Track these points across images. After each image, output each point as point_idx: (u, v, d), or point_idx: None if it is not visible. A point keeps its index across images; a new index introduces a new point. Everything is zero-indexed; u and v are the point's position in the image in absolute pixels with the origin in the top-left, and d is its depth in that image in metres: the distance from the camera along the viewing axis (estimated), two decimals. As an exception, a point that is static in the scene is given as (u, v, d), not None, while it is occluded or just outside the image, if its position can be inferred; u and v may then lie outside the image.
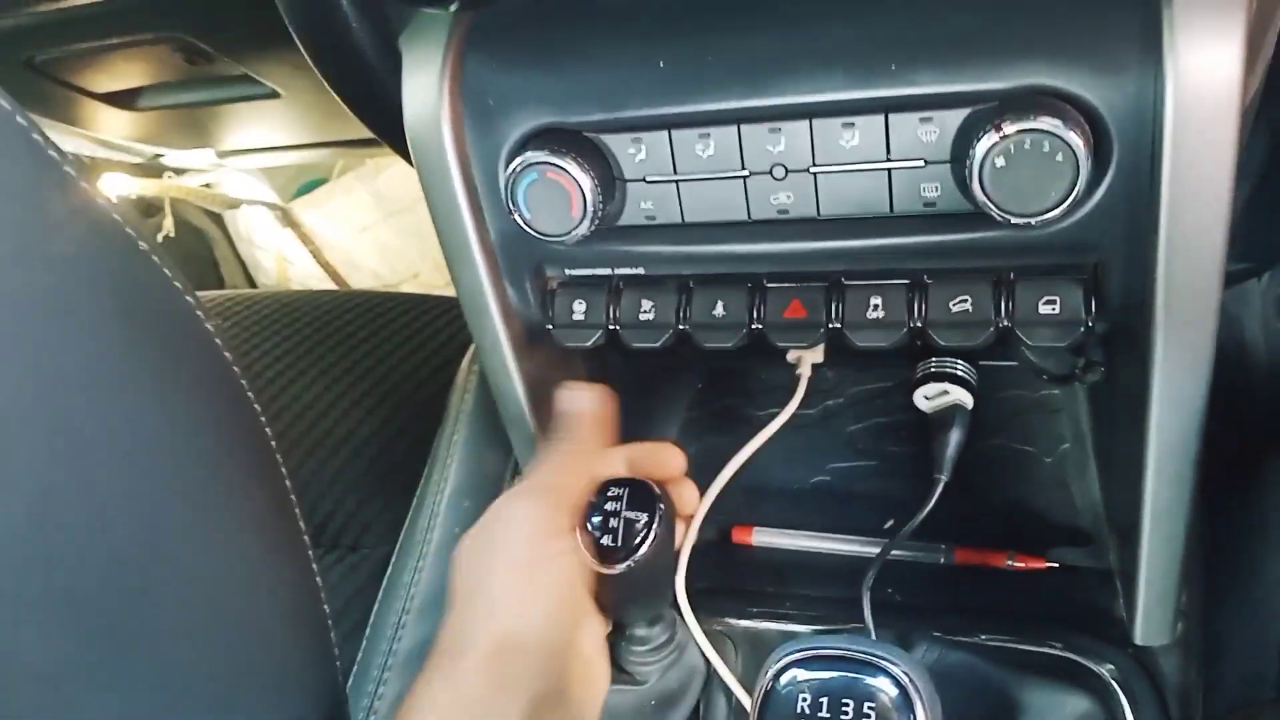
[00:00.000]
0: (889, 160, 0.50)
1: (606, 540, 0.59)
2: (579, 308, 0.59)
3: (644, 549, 0.59)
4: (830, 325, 0.55)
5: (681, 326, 0.58)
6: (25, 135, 0.37)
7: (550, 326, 0.60)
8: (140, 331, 0.41)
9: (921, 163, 0.50)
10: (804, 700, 0.37)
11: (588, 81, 0.53)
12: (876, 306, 0.54)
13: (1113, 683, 0.60)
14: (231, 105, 0.94)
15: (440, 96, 0.56)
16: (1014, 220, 0.47)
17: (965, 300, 0.53)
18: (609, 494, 0.60)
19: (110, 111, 0.94)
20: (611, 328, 0.59)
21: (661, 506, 0.60)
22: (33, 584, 0.35)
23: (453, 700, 0.49)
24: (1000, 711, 0.61)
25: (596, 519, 0.60)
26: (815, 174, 0.52)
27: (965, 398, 0.63)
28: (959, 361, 0.63)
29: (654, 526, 0.59)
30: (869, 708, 0.36)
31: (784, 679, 0.38)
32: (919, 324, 0.53)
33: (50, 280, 0.37)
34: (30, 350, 0.36)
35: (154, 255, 0.42)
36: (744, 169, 0.52)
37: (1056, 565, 0.66)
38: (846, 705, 0.36)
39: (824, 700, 0.37)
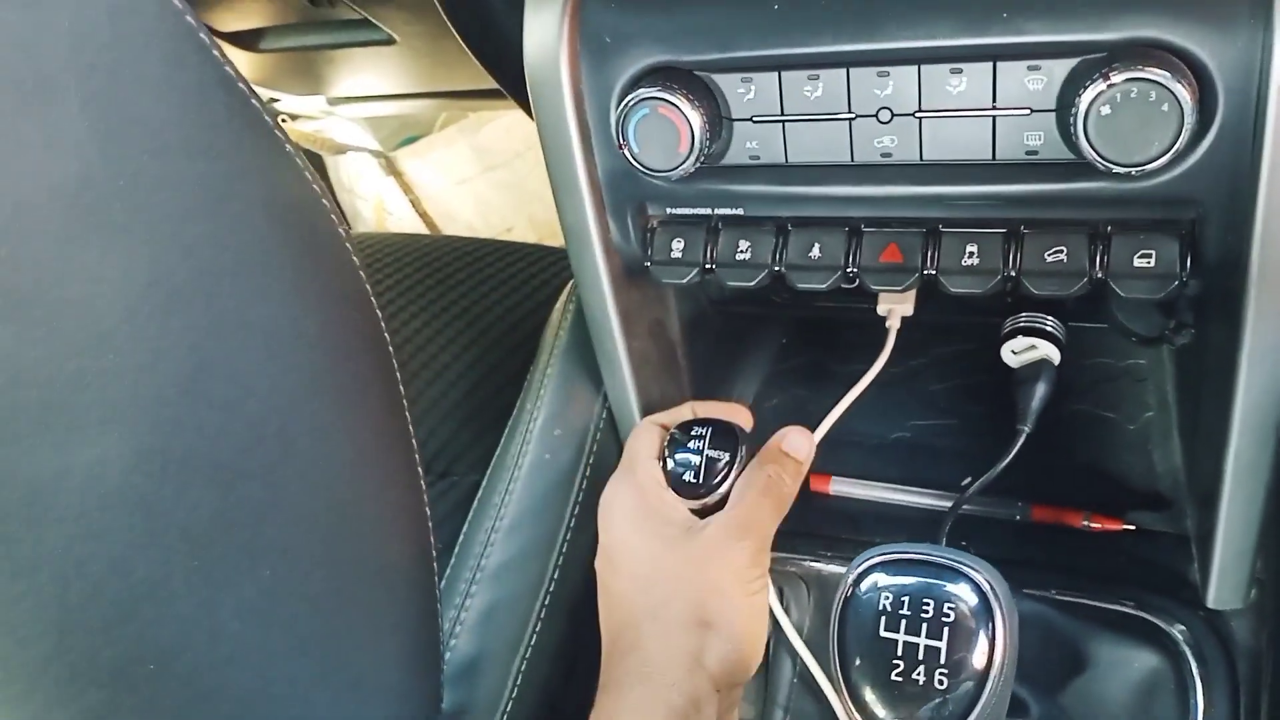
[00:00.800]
0: (994, 107, 0.52)
1: (689, 476, 0.61)
2: (677, 245, 0.61)
3: (724, 486, 0.61)
4: (925, 271, 0.56)
5: (777, 267, 0.59)
6: (194, 35, 0.40)
7: (649, 263, 0.63)
8: (283, 226, 0.44)
9: (1027, 111, 0.51)
10: (885, 600, 0.39)
11: (702, 21, 0.55)
12: (972, 254, 0.55)
13: (1182, 643, 0.61)
14: (346, 51, 0.98)
15: (560, 34, 0.58)
16: (1115, 170, 0.48)
17: (1061, 250, 0.54)
18: (692, 433, 0.63)
19: (232, 52, 0.98)
20: (708, 266, 0.61)
21: (743, 448, 0.62)
22: (183, 443, 0.38)
23: (657, 700, 0.53)
24: (1069, 662, 0.62)
25: (680, 455, 0.62)
26: (920, 118, 0.53)
27: (1053, 353, 0.64)
28: (1048, 317, 0.64)
29: (734, 466, 0.61)
30: (948, 610, 0.38)
31: (866, 582, 0.40)
32: (1013, 273, 0.55)
33: (210, 169, 0.40)
34: (189, 234, 0.39)
35: (298, 158, 0.45)
36: (850, 111, 0.54)
37: (1133, 528, 0.67)
38: (926, 608, 0.38)
39: (904, 602, 0.39)
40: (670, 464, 0.61)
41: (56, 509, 0.34)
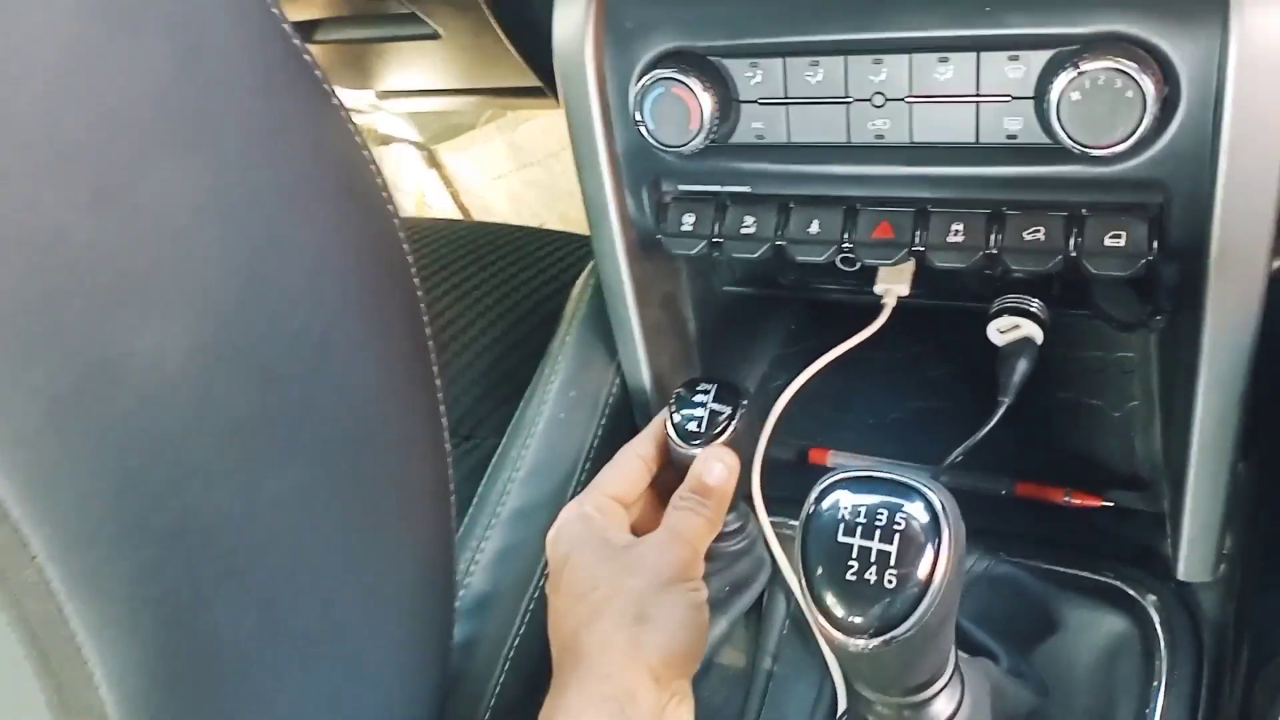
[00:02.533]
0: (978, 94, 0.56)
1: (692, 426, 0.66)
2: (688, 219, 0.67)
3: (725, 436, 0.65)
4: (914, 246, 0.61)
5: (779, 241, 0.64)
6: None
7: (661, 235, 0.68)
8: (326, 166, 0.50)
9: (1007, 97, 0.56)
10: (845, 512, 0.43)
11: (715, 11, 0.61)
12: (957, 231, 0.60)
13: (1152, 611, 0.64)
14: (395, 45, 1.04)
15: (586, 20, 0.64)
16: (1085, 151, 0.53)
17: (1039, 230, 0.58)
18: (698, 388, 0.67)
19: (289, 44, 1.05)
20: (716, 239, 0.66)
21: (744, 403, 0.67)
22: (234, 341, 0.43)
23: (593, 696, 0.54)
24: (1041, 623, 0.66)
25: (685, 409, 0.67)
26: (911, 103, 0.58)
27: (1036, 333, 0.68)
28: (1033, 299, 0.68)
29: (735, 420, 0.66)
30: (901, 521, 0.42)
31: (828, 499, 0.45)
32: (995, 250, 0.59)
33: (266, 106, 0.46)
34: (247, 160, 0.44)
35: (343, 111, 0.51)
36: (847, 95, 0.59)
37: (1111, 505, 0.71)
38: (881, 518, 0.42)
39: (862, 513, 0.43)
40: (677, 416, 0.66)
41: (123, 382, 0.39)
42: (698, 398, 0.66)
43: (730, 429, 0.65)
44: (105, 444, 0.39)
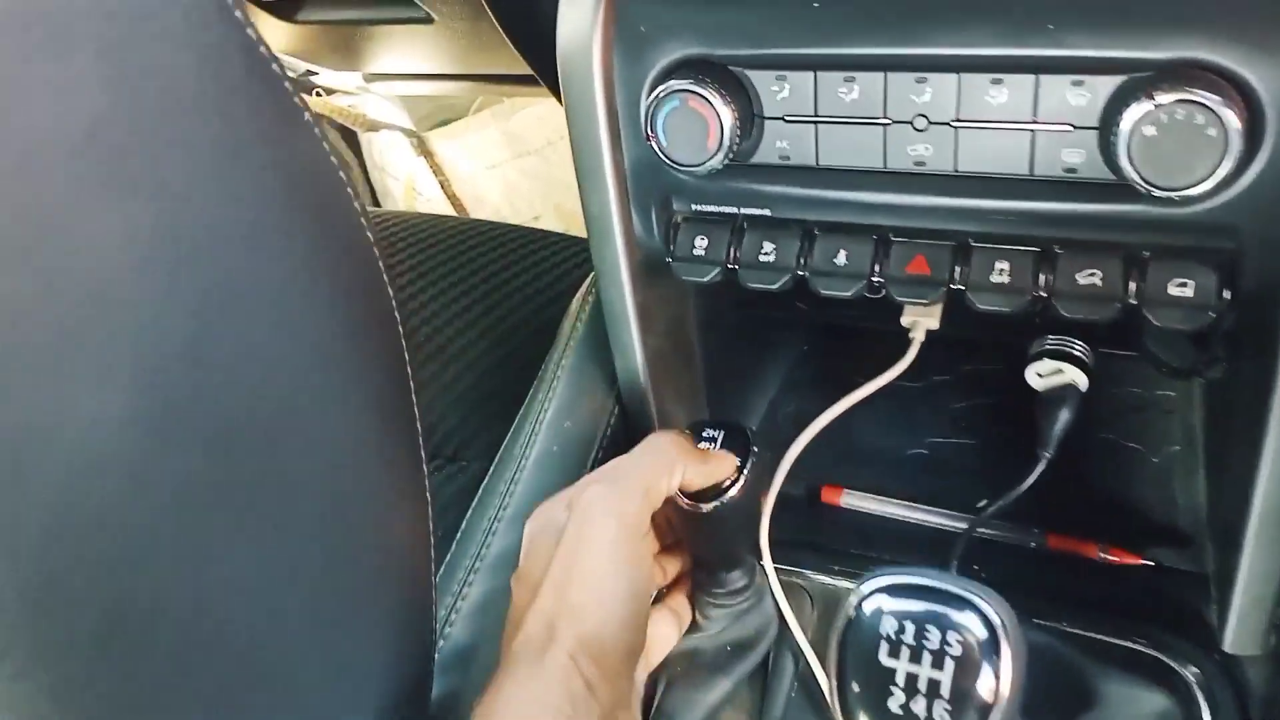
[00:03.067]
0: (1035, 121, 0.50)
1: None
2: (700, 243, 0.60)
3: (734, 490, 0.59)
4: (953, 285, 0.55)
5: (801, 272, 0.58)
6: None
7: (670, 259, 0.61)
8: (296, 194, 0.43)
9: (1068, 127, 0.49)
10: (889, 626, 0.37)
11: (739, 16, 0.54)
12: (1002, 271, 0.54)
13: (1195, 686, 0.59)
14: (384, 27, 0.97)
15: (594, 19, 0.57)
16: (1157, 194, 0.47)
17: (1094, 274, 0.52)
18: (704, 435, 0.61)
19: (270, 21, 0.98)
20: (730, 266, 0.60)
21: (755, 450, 0.61)
22: (182, 406, 0.37)
23: (535, 699, 0.47)
24: (1076, 697, 0.60)
25: None
26: (957, 128, 0.52)
27: (1079, 378, 0.62)
28: (1077, 341, 0.62)
29: (745, 470, 0.60)
30: (953, 641, 0.36)
31: (870, 605, 0.39)
32: (1044, 293, 0.53)
33: (225, 130, 0.39)
34: (200, 194, 0.38)
35: (316, 128, 0.44)
36: (885, 116, 0.53)
37: (1151, 563, 0.65)
38: (931, 637, 0.37)
39: (908, 629, 0.37)
40: None
41: (46, 466, 0.33)
42: (702, 445, 0.60)
43: (742, 480, 0.59)
44: (21, 540, 0.33)
